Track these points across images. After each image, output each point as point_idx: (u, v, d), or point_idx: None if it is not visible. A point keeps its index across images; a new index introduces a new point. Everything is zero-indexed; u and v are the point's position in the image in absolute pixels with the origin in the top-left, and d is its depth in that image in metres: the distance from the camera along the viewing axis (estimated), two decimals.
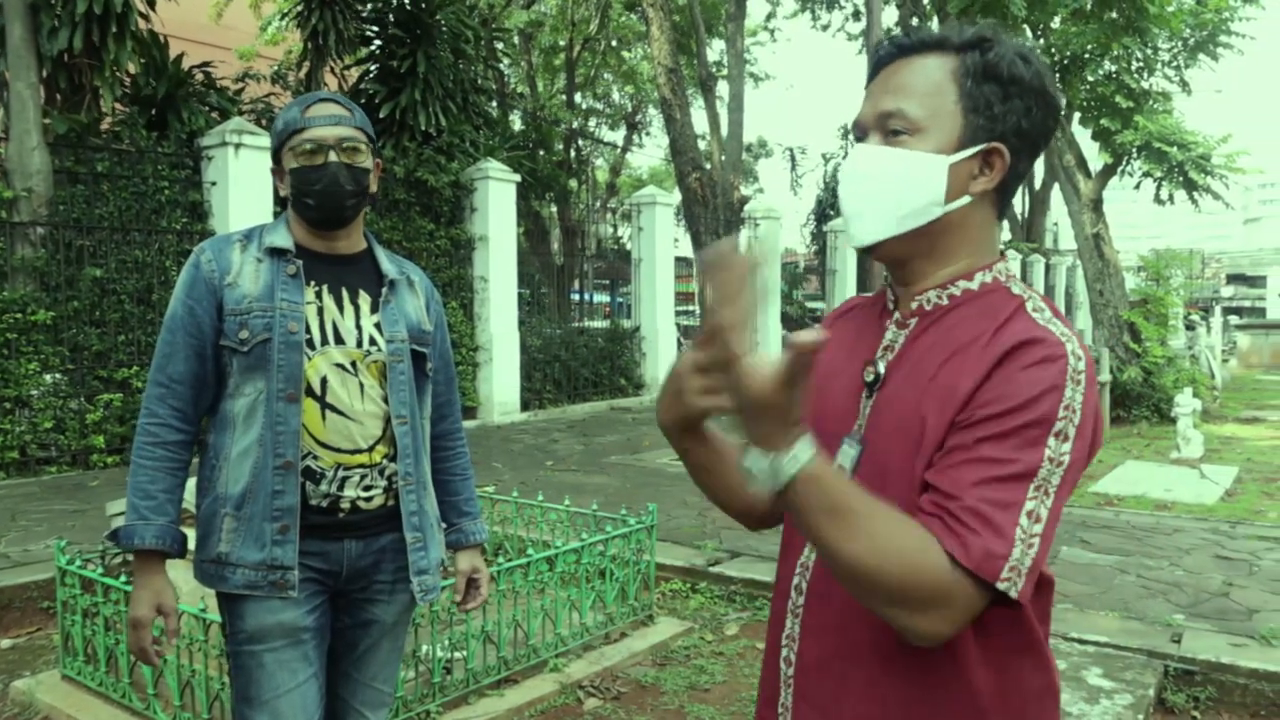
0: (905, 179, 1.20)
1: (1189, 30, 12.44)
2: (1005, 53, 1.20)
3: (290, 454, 1.97)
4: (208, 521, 2.01)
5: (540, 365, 13.45)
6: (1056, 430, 1.08)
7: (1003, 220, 1.29)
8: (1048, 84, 1.21)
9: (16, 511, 6.69)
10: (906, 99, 1.20)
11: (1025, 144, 1.22)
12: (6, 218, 8.43)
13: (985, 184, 1.21)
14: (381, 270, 2.16)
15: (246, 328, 1.98)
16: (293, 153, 2.04)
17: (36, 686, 3.82)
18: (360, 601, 2.11)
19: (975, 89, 1.19)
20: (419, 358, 2.15)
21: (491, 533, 5.29)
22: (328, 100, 2.09)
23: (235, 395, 2.01)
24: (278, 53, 18.58)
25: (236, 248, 2.05)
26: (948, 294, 1.23)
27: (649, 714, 3.76)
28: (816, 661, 1.26)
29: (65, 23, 8.76)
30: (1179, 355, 13.62)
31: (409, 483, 2.09)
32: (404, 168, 11.49)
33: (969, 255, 1.24)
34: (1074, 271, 32.03)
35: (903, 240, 1.22)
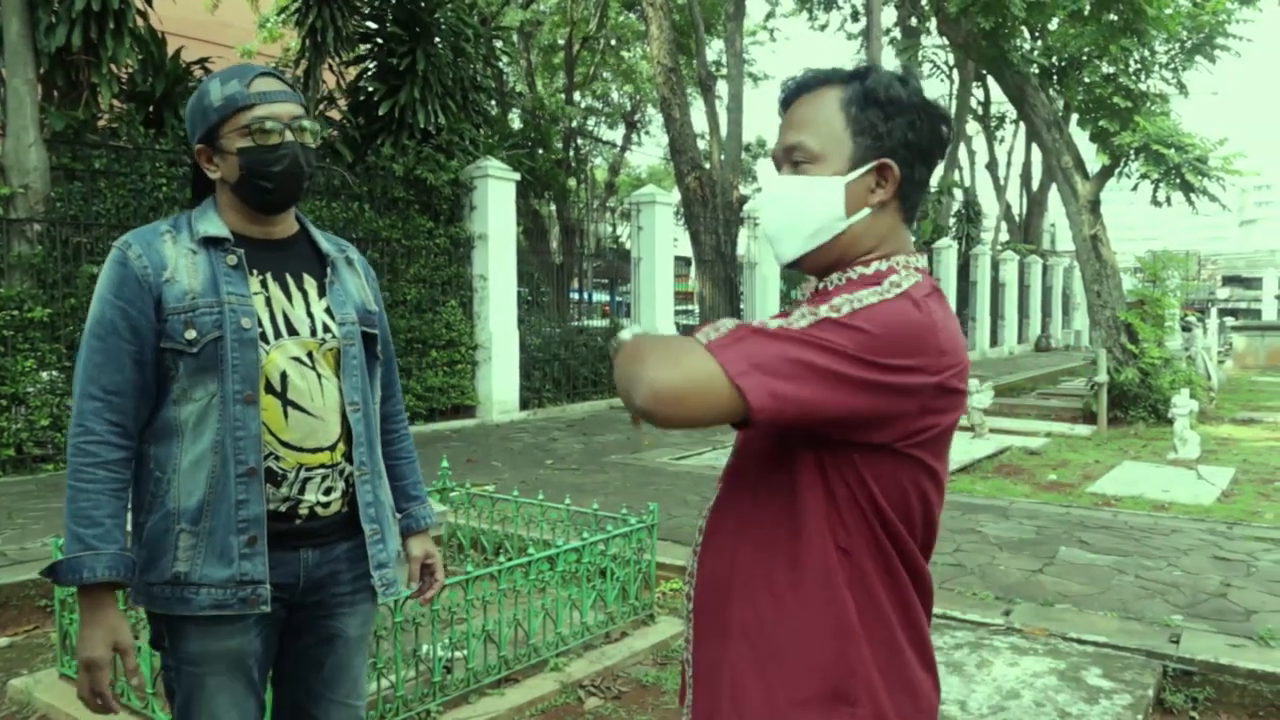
0: (809, 201, 1.39)
1: (1186, 32, 12.46)
2: (882, 78, 1.38)
3: (253, 460, 1.83)
4: (157, 541, 1.83)
5: (540, 364, 13.45)
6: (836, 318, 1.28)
7: (911, 222, 1.45)
8: (928, 99, 1.40)
9: (13, 509, 6.68)
10: (804, 132, 1.40)
11: (916, 154, 1.39)
12: (3, 214, 8.41)
13: (882, 195, 1.39)
14: (321, 251, 2.03)
15: (193, 326, 1.82)
16: (240, 132, 1.87)
17: (34, 685, 3.81)
18: (320, 616, 1.98)
19: (860, 114, 1.37)
20: (368, 340, 2.04)
21: (492, 532, 5.29)
22: (268, 74, 1.92)
23: (182, 401, 1.84)
24: (275, 50, 18.57)
25: (166, 239, 1.88)
26: (845, 276, 1.41)
27: (650, 713, 3.76)
28: (706, 591, 1.44)
29: (63, 19, 8.74)
30: (1176, 356, 13.62)
31: (364, 473, 1.98)
32: (403, 166, 11.48)
33: (879, 255, 1.41)
34: (1071, 273, 32.10)
35: (818, 254, 1.42)
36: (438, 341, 11.80)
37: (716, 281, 17.08)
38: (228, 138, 1.88)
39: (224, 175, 1.91)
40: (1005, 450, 10.26)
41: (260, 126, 1.86)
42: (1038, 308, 31.04)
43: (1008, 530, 6.41)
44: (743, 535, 1.39)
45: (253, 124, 1.86)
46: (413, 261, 11.77)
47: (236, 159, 1.87)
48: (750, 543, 1.38)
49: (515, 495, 5.16)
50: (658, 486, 7.76)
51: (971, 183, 31.26)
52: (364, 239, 11.23)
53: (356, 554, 1.99)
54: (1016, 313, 29.00)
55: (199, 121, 1.90)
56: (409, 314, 11.56)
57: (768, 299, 17.47)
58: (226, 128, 1.87)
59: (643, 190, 16.02)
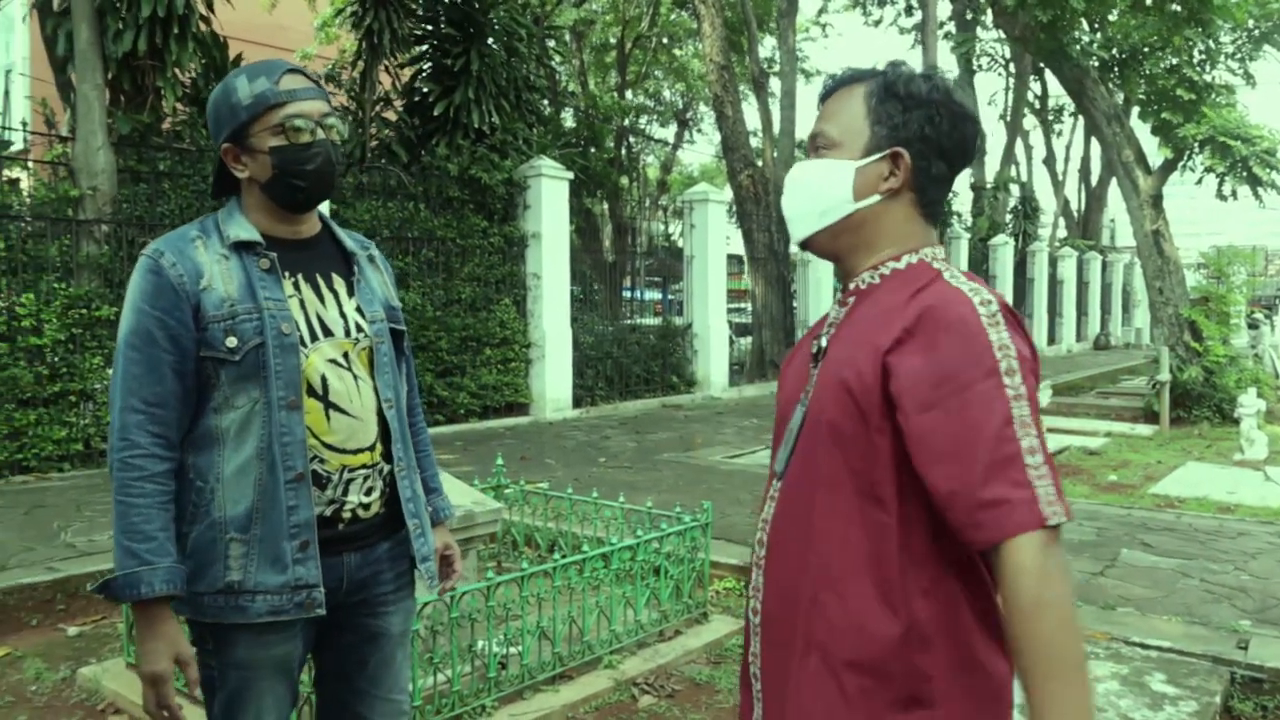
0: (820, 182, 1.45)
1: (1253, 21, 12.15)
2: (903, 73, 1.44)
3: (300, 465, 1.82)
4: (205, 550, 1.81)
5: (592, 362, 13.49)
6: (1005, 370, 1.26)
7: (934, 221, 1.47)
8: (952, 98, 1.43)
9: (81, 502, 6.85)
10: (828, 122, 1.47)
11: (932, 148, 1.42)
12: (73, 215, 8.64)
13: (894, 183, 1.42)
14: (346, 249, 2.01)
15: (234, 334, 1.79)
16: (271, 131, 1.84)
17: (102, 674, 3.91)
18: (363, 615, 1.99)
19: (879, 105, 1.43)
20: (396, 335, 2.03)
21: (546, 529, 5.32)
22: (295, 70, 1.89)
23: (224, 409, 1.82)
24: (332, 52, 18.84)
25: (198, 245, 1.85)
26: (879, 274, 1.44)
27: (703, 712, 3.75)
28: (778, 607, 1.42)
29: (130, 25, 8.95)
30: (1241, 354, 13.30)
31: (402, 468, 1.98)
32: (458, 165, 11.58)
33: (893, 245, 1.44)
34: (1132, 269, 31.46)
35: (827, 235, 1.47)
36: (492, 340, 11.89)
37: (769, 279, 17.00)
38: (258, 136, 1.85)
39: (253, 175, 1.88)
40: (1064, 450, 10.09)
41: (293, 125, 1.84)
42: (1097, 305, 30.47)
43: (1067, 531, 6.29)
44: (812, 545, 1.37)
45: (285, 122, 1.84)
46: (467, 260, 11.88)
47: (269, 158, 1.85)
48: (822, 553, 1.36)
49: (569, 493, 5.18)
50: (710, 485, 7.75)
51: (1029, 178, 30.76)
52: (419, 238, 11.36)
53: (396, 553, 2.01)
54: (1075, 310, 28.50)
55: (226, 120, 1.87)
56: (463, 312, 11.66)
57: (821, 297, 17.34)
58: (257, 126, 1.84)
59: (695, 188, 15.99)
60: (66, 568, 5.14)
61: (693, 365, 14.92)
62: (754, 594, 1.47)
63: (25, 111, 17.26)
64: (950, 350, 1.27)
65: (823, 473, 1.37)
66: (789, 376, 1.54)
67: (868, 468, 1.32)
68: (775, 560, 1.43)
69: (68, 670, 4.12)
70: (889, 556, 1.31)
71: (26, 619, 4.76)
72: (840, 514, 1.35)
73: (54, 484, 7.70)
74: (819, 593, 1.35)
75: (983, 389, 1.25)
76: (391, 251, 11.04)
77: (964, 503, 1.23)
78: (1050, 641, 1.20)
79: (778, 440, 1.51)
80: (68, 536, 5.86)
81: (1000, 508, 1.22)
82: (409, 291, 10.97)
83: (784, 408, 1.51)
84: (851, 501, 1.34)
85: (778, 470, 1.46)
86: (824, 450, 1.37)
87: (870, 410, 1.31)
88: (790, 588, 1.40)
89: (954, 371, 1.26)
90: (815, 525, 1.37)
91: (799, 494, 1.41)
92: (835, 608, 1.34)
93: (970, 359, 1.26)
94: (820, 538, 1.36)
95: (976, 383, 1.25)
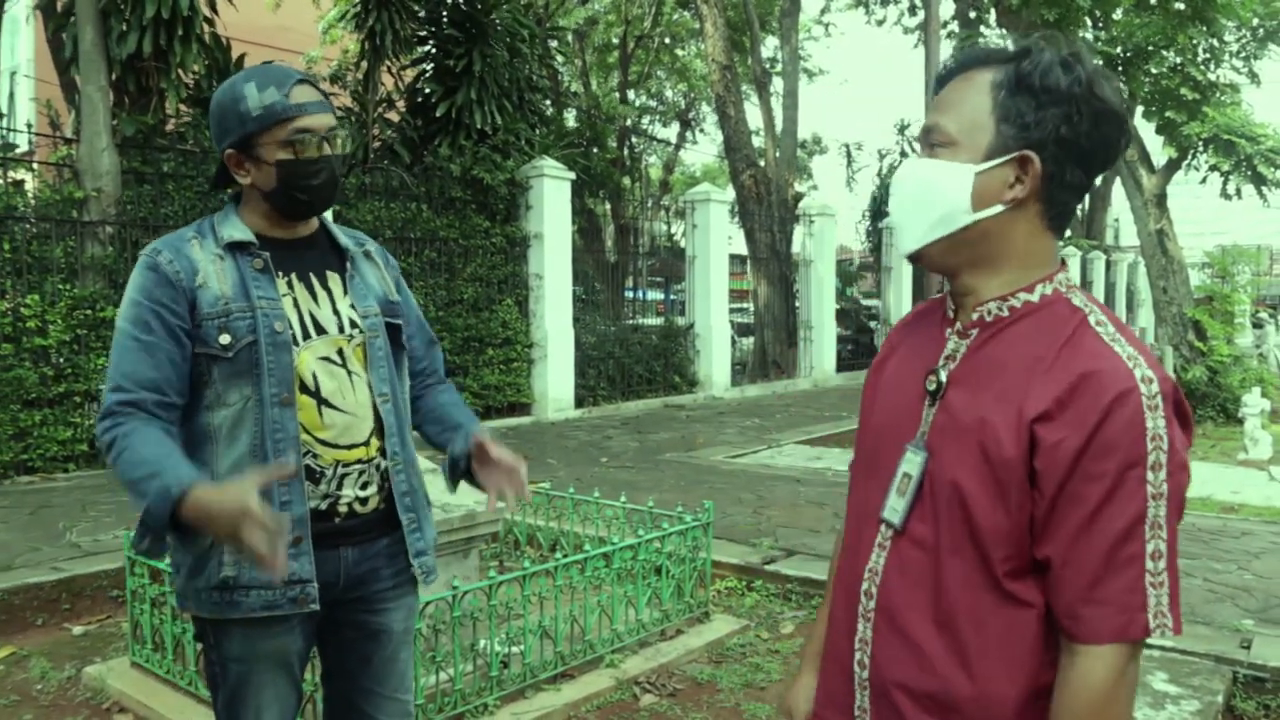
0: (933, 187, 1.26)
1: (1258, 19, 12.14)
2: (1040, 62, 1.22)
3: (292, 459, 1.83)
4: (201, 546, 1.83)
5: (594, 362, 13.50)
6: (1151, 464, 1.14)
7: (1060, 234, 1.29)
8: (1098, 91, 1.21)
9: (86, 502, 6.87)
10: (945, 115, 1.27)
11: (1069, 153, 1.22)
12: (78, 217, 8.66)
13: (1019, 192, 1.23)
14: (341, 246, 2.02)
15: (228, 331, 1.82)
16: (280, 144, 1.84)
17: (107, 673, 3.92)
18: (363, 611, 1.99)
19: (1008, 100, 1.22)
20: (393, 330, 2.03)
21: (548, 529, 5.33)
22: (305, 81, 1.88)
23: (216, 407, 1.83)
24: (334, 52, 18.86)
25: (194, 245, 1.87)
26: (1008, 305, 1.26)
27: (705, 711, 3.76)
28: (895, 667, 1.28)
29: (134, 27, 8.96)
30: (1246, 354, 13.29)
31: (397, 463, 1.97)
32: (460, 166, 11.60)
33: (1018, 266, 1.26)
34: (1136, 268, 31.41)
35: (940, 248, 1.27)
36: (494, 340, 11.90)
37: (771, 279, 17.01)
38: (266, 148, 1.85)
39: (256, 182, 1.88)
40: None
41: (301, 140, 1.84)
42: None
43: None
44: (938, 613, 1.24)
45: (293, 137, 1.84)
46: (469, 260, 11.89)
47: (274, 170, 1.85)
48: (950, 623, 1.24)
49: (571, 492, 5.19)
50: (712, 485, 7.75)
51: None
52: (422, 238, 11.37)
53: (395, 549, 2.00)
54: None
55: (234, 127, 1.85)
56: (465, 313, 11.68)
57: (823, 297, 17.34)
58: (265, 137, 1.84)
59: (697, 188, 16.00)
60: (72, 567, 5.16)
61: (695, 365, 14.93)
62: (860, 647, 1.32)
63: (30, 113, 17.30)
64: (1104, 431, 1.13)
65: (949, 536, 1.23)
66: (885, 403, 1.38)
67: (1007, 541, 1.20)
68: (888, 620, 1.29)
69: (73, 669, 4.13)
70: (1028, 632, 1.21)
71: (32, 618, 4.78)
72: (972, 586, 1.22)
73: (59, 484, 7.71)
74: (943, 667, 1.23)
75: (1123, 480, 1.13)
76: (394, 252, 11.03)
77: (1069, 592, 1.16)
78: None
79: (866, 470, 1.38)
80: (73, 536, 5.87)
81: (1103, 608, 1.14)
82: (411, 292, 10.96)
83: (880, 438, 1.36)
84: (981, 573, 1.22)
85: (894, 522, 1.29)
86: (950, 512, 1.23)
87: (1010, 483, 1.18)
88: (908, 653, 1.27)
89: (1099, 455, 1.14)
90: (942, 593, 1.24)
91: (920, 554, 1.26)
92: (960, 684, 1.23)
93: (1120, 445, 1.13)
94: (949, 607, 1.23)
95: (1119, 471, 1.13)
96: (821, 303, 17.34)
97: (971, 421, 1.21)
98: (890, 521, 1.29)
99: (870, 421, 1.40)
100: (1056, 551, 1.16)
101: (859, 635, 1.32)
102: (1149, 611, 1.14)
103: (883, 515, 1.31)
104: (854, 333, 20.53)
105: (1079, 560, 1.15)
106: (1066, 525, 1.15)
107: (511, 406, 12.16)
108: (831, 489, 7.48)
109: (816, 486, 7.68)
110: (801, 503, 7.07)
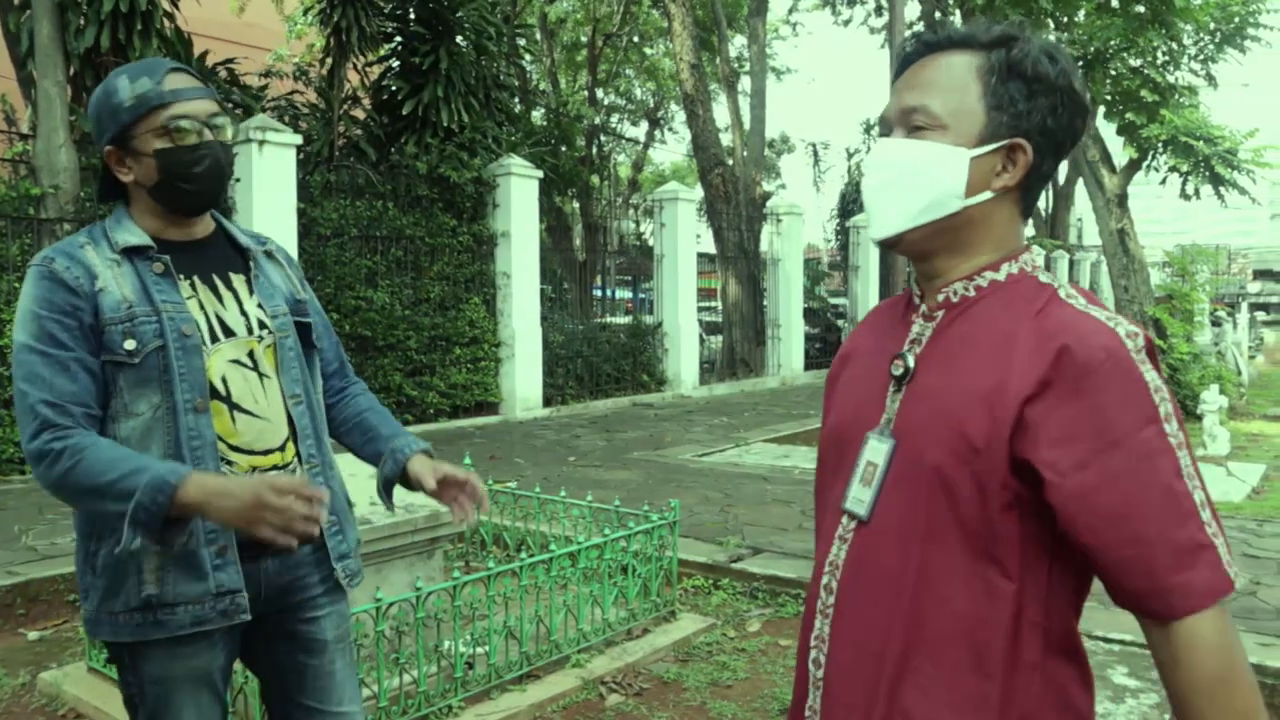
0: (925, 171, 1.22)
1: (1215, 23, 12.32)
2: (1031, 50, 1.21)
3: (212, 467, 1.75)
4: (117, 567, 1.73)
5: (563, 361, 13.47)
6: (1164, 416, 1.12)
7: (1028, 219, 1.29)
8: (1075, 84, 1.22)
9: (43, 505, 6.76)
10: (930, 95, 1.22)
11: (1049, 143, 1.23)
12: (35, 214, 8.52)
13: (1008, 180, 1.22)
14: (241, 245, 1.95)
15: (133, 336, 1.73)
16: (155, 132, 1.76)
17: (63, 678, 3.86)
18: (294, 622, 1.91)
19: (999, 86, 1.21)
20: (303, 329, 1.96)
21: (514, 528, 5.30)
22: (179, 70, 1.81)
23: (124, 417, 1.74)
24: (299, 48, 18.69)
25: (87, 250, 1.78)
26: (974, 285, 1.24)
27: (671, 710, 3.76)
28: (851, 663, 1.24)
29: (92, 21, 8.85)
30: (1205, 352, 13.49)
31: (314, 465, 1.90)
32: (426, 164, 11.53)
33: (992, 250, 1.25)
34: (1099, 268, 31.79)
35: (924, 233, 1.24)
36: (461, 339, 11.84)
37: (739, 278, 17.05)
38: (142, 139, 1.77)
39: (139, 179, 1.81)
40: None
41: (177, 126, 1.76)
42: None
43: None
44: (905, 603, 1.20)
45: (169, 124, 1.76)
46: (436, 259, 11.82)
47: (154, 161, 1.77)
48: (918, 612, 1.19)
49: (537, 492, 5.17)
50: (680, 483, 7.76)
51: None
52: (388, 237, 11.29)
53: (322, 555, 1.93)
54: None
55: (109, 122, 1.78)
56: (432, 311, 11.61)
57: (791, 296, 17.41)
58: (140, 128, 1.76)
59: (665, 187, 16.01)
60: (27, 571, 5.07)
61: (663, 364, 14.94)
62: (816, 644, 1.28)
63: None
64: (1104, 396, 1.10)
65: (924, 523, 1.19)
66: (848, 394, 1.35)
67: (985, 525, 1.15)
68: (850, 612, 1.25)
69: (28, 675, 4.06)
70: (999, 624, 1.16)
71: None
72: (946, 572, 1.18)
73: (15, 487, 7.59)
74: (910, 656, 1.19)
75: (1146, 439, 1.10)
76: (360, 250, 10.98)
77: (1141, 572, 1.10)
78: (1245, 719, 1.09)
79: (832, 466, 1.33)
80: (29, 540, 5.78)
81: (1189, 574, 1.08)
82: (377, 290, 10.91)
83: (845, 429, 1.31)
84: (960, 559, 1.17)
85: (860, 514, 1.24)
86: (927, 497, 1.18)
87: (995, 463, 1.13)
88: (869, 645, 1.22)
89: (1111, 421, 1.10)
90: (912, 581, 1.19)
91: (890, 543, 1.22)
92: (929, 674, 1.18)
93: (1128, 405, 1.10)
94: (918, 595, 1.19)
95: (1137, 432, 1.10)
96: (789, 301, 17.41)
97: (947, 401, 1.18)
98: (854, 512, 1.25)
99: (833, 417, 1.37)
100: (1102, 537, 1.11)
101: (815, 632, 1.29)
102: (1224, 563, 1.10)
103: (844, 506, 1.27)
104: (822, 331, 20.61)
105: (1136, 538, 1.09)
106: (1105, 506, 1.10)
107: (479, 406, 12.11)
108: (798, 487, 7.51)
109: (783, 484, 7.70)
110: (769, 501, 7.08)
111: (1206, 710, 1.09)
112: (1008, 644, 1.16)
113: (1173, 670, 1.12)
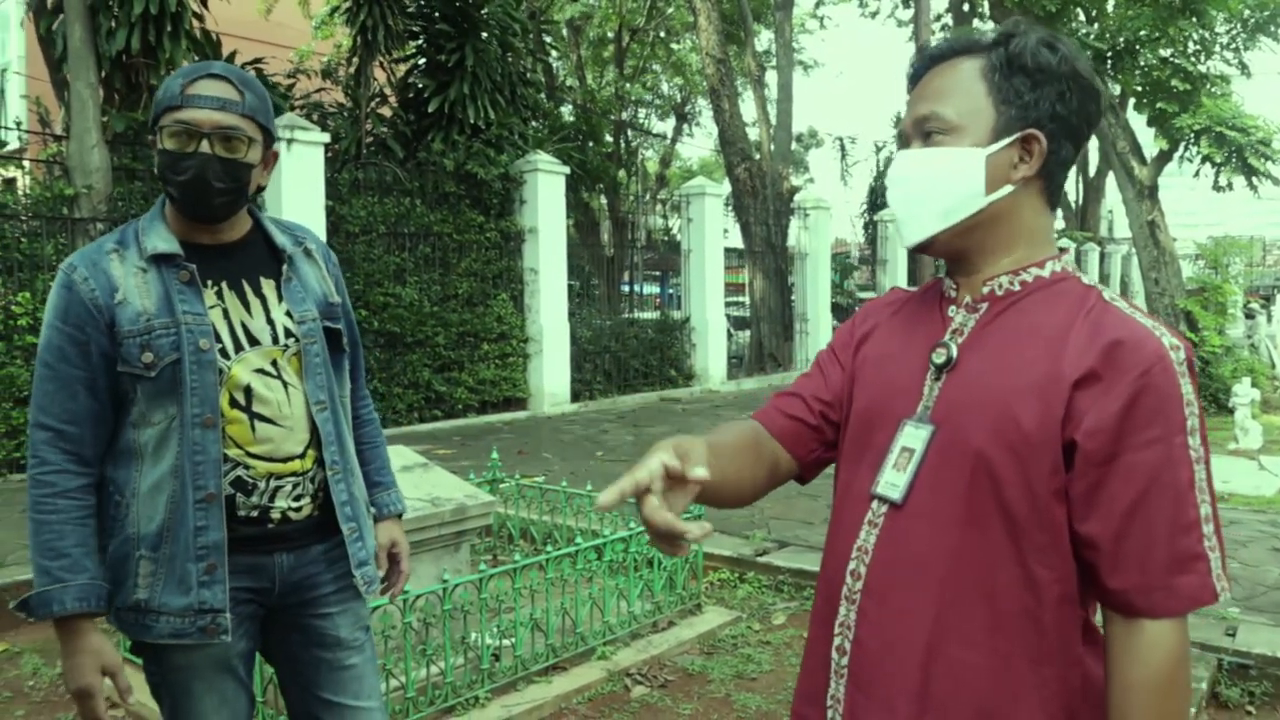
0: (945, 175, 1.26)
1: (1249, 11, 12.13)
2: (1029, 43, 1.25)
3: (212, 485, 1.76)
4: (119, 565, 1.78)
5: (590, 356, 13.51)
6: (1189, 429, 1.16)
7: (1055, 210, 1.32)
8: (1080, 68, 1.25)
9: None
10: (940, 102, 1.27)
11: (1063, 129, 1.25)
12: (68, 214, 8.66)
13: (1026, 170, 1.25)
14: (277, 245, 1.93)
15: (150, 349, 1.75)
16: (164, 132, 1.78)
17: None
18: (308, 617, 1.93)
19: (1004, 82, 1.25)
20: (332, 335, 1.95)
21: (541, 522, 5.35)
22: (218, 77, 1.79)
23: (141, 424, 1.78)
24: (327, 47, 18.84)
25: (113, 259, 1.79)
26: (1020, 280, 1.27)
27: (696, 702, 3.78)
28: (882, 650, 1.24)
29: (123, 23, 8.96)
30: (1237, 344, 13.33)
31: (336, 471, 1.91)
32: (453, 161, 11.59)
33: (1026, 244, 1.28)
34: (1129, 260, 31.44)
35: (953, 234, 1.27)
36: (489, 335, 11.91)
37: (767, 273, 17.02)
38: (159, 135, 1.80)
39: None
40: None
41: (173, 131, 1.77)
42: None
43: None
44: (943, 590, 1.21)
45: (175, 127, 1.77)
46: (464, 255, 11.89)
47: (158, 159, 1.81)
48: (957, 600, 1.20)
49: (564, 486, 5.21)
50: None
51: None
52: (416, 234, 11.37)
53: (334, 555, 1.95)
54: None
55: (153, 116, 1.84)
56: (460, 308, 11.68)
57: (819, 290, 17.36)
58: (159, 125, 1.80)
59: (692, 182, 15.99)
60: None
61: (691, 359, 14.94)
62: (840, 631, 1.28)
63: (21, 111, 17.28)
64: (1145, 398, 1.14)
65: (963, 508, 1.20)
66: (875, 382, 1.35)
67: (1031, 512, 1.17)
68: (879, 599, 1.25)
69: None
70: (1043, 613, 1.19)
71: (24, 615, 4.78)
72: (984, 558, 1.19)
73: None
74: (947, 645, 1.20)
75: (1172, 448, 1.14)
76: (388, 247, 11.06)
77: (1132, 566, 1.14)
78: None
79: (856, 454, 1.34)
80: None
81: (1174, 578, 1.13)
82: (406, 287, 10.99)
83: (876, 416, 1.32)
84: (1000, 546, 1.19)
85: (894, 497, 1.25)
86: (969, 482, 1.20)
87: (1047, 449, 1.16)
88: (899, 633, 1.22)
89: (1145, 423, 1.14)
90: (950, 568, 1.20)
91: (925, 527, 1.22)
92: (966, 662, 1.19)
93: (1163, 412, 1.14)
94: (957, 583, 1.20)
95: (1166, 439, 1.14)
96: (817, 296, 17.36)
97: (996, 389, 1.20)
98: (887, 497, 1.26)
99: (864, 403, 1.36)
100: (1109, 527, 1.15)
101: (840, 619, 1.28)
102: (1213, 576, 1.14)
103: (875, 491, 1.27)
104: None
105: (1140, 533, 1.14)
106: (1120, 499, 1.14)
107: (507, 401, 12.18)
108: (824, 480, 7.44)
109: None
110: (794, 494, 7.08)
111: (1150, 706, 1.13)
112: (1052, 633, 1.18)
113: (1129, 665, 1.15)
